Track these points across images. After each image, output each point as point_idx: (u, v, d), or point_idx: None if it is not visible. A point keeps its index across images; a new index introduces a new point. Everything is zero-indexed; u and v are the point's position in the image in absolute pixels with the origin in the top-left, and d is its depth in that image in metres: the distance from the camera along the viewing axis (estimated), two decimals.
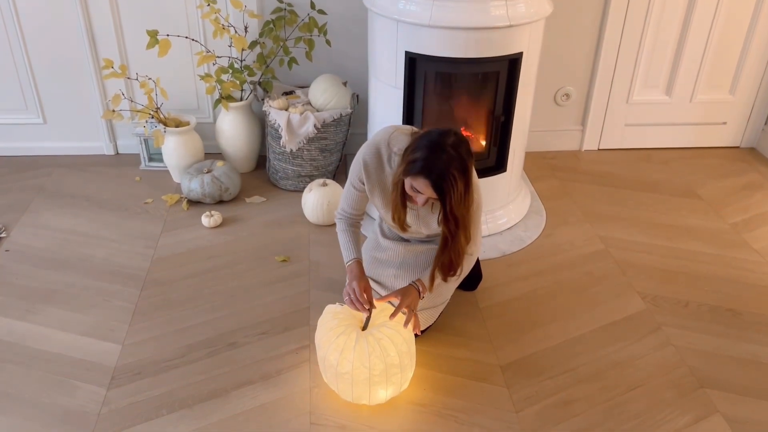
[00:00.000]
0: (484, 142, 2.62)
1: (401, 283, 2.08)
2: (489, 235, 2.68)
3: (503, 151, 2.60)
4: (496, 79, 2.44)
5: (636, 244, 2.69)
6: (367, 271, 2.14)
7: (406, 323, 1.89)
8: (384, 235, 2.22)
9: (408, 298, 1.94)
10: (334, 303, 1.98)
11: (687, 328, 2.24)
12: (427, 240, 2.14)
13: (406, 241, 2.17)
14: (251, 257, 2.56)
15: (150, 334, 2.17)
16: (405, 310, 1.90)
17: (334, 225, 2.75)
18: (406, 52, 2.38)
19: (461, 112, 2.62)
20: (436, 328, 2.19)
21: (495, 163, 2.64)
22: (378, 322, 1.91)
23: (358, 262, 2.04)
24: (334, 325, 1.88)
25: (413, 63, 2.40)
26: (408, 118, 2.50)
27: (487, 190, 2.66)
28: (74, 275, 2.43)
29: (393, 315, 1.88)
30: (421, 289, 1.98)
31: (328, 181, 2.77)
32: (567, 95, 3.27)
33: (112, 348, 2.11)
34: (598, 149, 3.44)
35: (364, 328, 1.91)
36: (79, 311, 2.26)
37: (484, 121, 2.58)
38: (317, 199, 2.68)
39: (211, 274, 2.45)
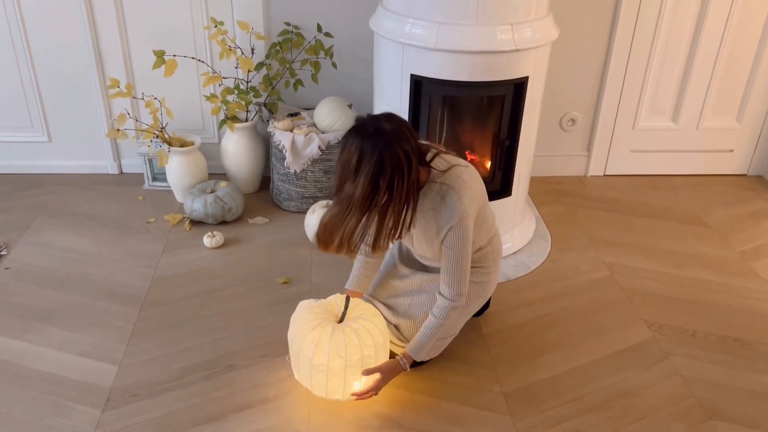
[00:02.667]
0: (489, 166, 2.60)
1: (415, 312, 2.04)
2: None
3: (508, 175, 2.59)
4: (501, 103, 2.43)
5: (642, 271, 2.65)
6: (380, 295, 2.14)
7: (358, 396, 1.87)
8: (402, 260, 2.18)
9: (387, 374, 1.90)
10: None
11: (695, 357, 2.20)
12: None
13: (425, 268, 2.13)
14: (252, 278, 2.53)
15: (148, 355, 2.13)
16: (369, 388, 1.87)
17: None
18: (412, 75, 2.38)
19: (466, 136, 2.61)
20: (439, 355, 2.15)
21: (500, 186, 2.61)
22: (354, 314, 1.92)
23: (353, 292, 2.09)
24: (310, 318, 1.87)
25: (418, 86, 2.39)
26: None
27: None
28: (73, 294, 2.41)
29: (358, 395, 1.87)
30: (405, 363, 1.93)
31: (331, 203, 2.74)
32: (573, 120, 3.26)
33: (109, 369, 2.07)
34: (604, 175, 3.42)
35: (341, 320, 1.91)
36: (76, 331, 2.23)
37: (488, 145, 2.57)
38: (318, 221, 2.65)
39: (211, 295, 2.43)
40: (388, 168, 1.62)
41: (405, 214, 1.71)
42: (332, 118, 2.86)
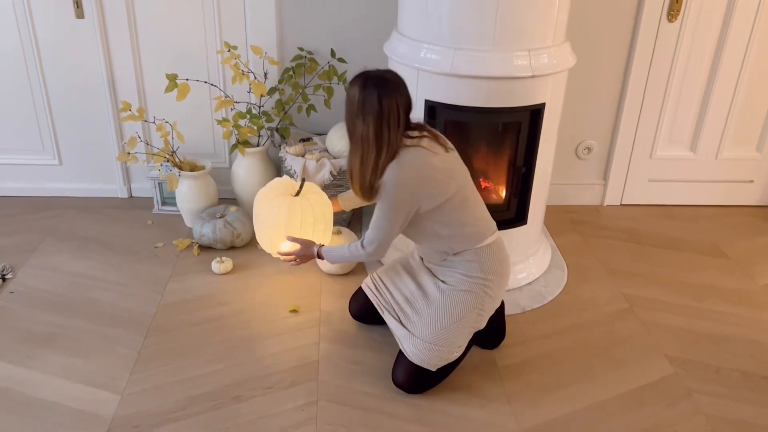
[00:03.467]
0: (504, 193, 2.55)
1: (411, 311, 2.10)
2: (508, 290, 2.58)
3: (524, 203, 2.53)
4: (517, 130, 2.38)
5: (661, 303, 2.57)
6: (388, 273, 2.25)
7: (285, 257, 2.33)
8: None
9: (303, 249, 2.27)
10: (346, 359, 1.88)
11: (719, 395, 2.10)
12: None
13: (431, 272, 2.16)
14: (260, 306, 2.47)
15: (151, 383, 2.07)
16: (293, 256, 2.29)
17: (346, 275, 2.67)
18: (426, 101, 2.34)
19: (481, 162, 2.56)
20: (451, 387, 2.07)
21: (515, 214, 2.56)
22: (309, 195, 2.43)
23: (335, 201, 2.50)
24: (272, 189, 2.45)
25: (433, 111, 2.36)
26: None
27: (507, 242, 2.57)
28: (78, 319, 2.36)
29: (282, 253, 2.37)
30: (317, 250, 2.24)
31: (343, 229, 2.70)
32: (588, 149, 3.21)
33: (111, 398, 2.01)
34: (621, 204, 3.36)
35: (296, 194, 2.43)
36: (80, 357, 2.18)
37: (503, 172, 2.52)
38: None
39: (218, 323, 2.37)
40: (384, 112, 1.84)
41: (380, 161, 1.89)
42: (344, 144, 2.82)
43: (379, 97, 1.83)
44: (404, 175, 1.88)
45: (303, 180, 2.50)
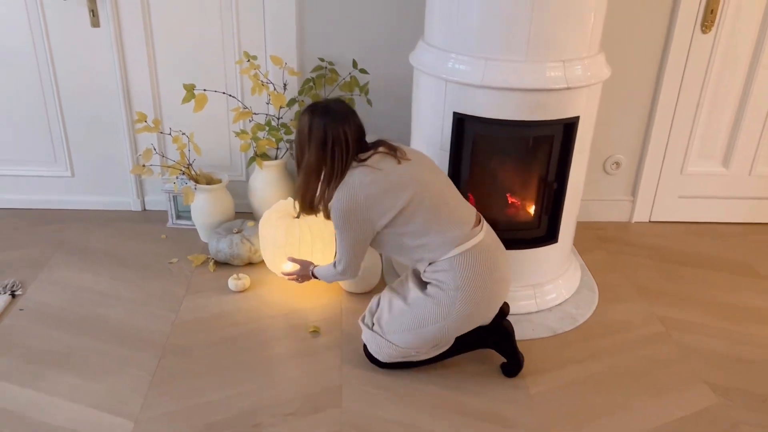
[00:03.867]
0: (532, 210, 2.44)
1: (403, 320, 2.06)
2: (538, 312, 2.47)
3: (555, 220, 2.42)
4: (549, 144, 2.28)
5: (698, 326, 2.45)
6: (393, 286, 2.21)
7: (288, 275, 2.39)
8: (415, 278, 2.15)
9: (302, 269, 2.32)
10: (370, 384, 1.78)
11: (767, 428, 1.98)
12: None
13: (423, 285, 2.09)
14: (279, 326, 2.37)
15: (166, 408, 1.97)
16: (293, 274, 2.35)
17: (368, 293, 2.57)
18: (454, 113, 2.24)
19: (510, 177, 2.46)
20: (481, 415, 1.96)
21: (546, 232, 2.45)
22: (310, 217, 2.38)
23: None
24: (276, 213, 2.53)
25: (461, 124, 2.26)
26: (453, 181, 2.34)
27: (536, 262, 2.47)
28: (89, 338, 2.26)
29: (286, 274, 2.40)
30: (312, 269, 2.28)
31: None
32: (617, 164, 3.10)
33: (124, 424, 1.90)
34: (649, 221, 3.24)
35: (297, 216, 2.50)
36: (91, 379, 2.08)
37: (533, 188, 2.41)
38: None
39: (235, 343, 2.26)
40: (329, 141, 1.91)
41: (327, 188, 1.98)
42: None
43: (324, 127, 1.91)
44: (343, 198, 1.92)
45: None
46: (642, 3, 2.77)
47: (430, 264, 1.98)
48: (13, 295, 2.48)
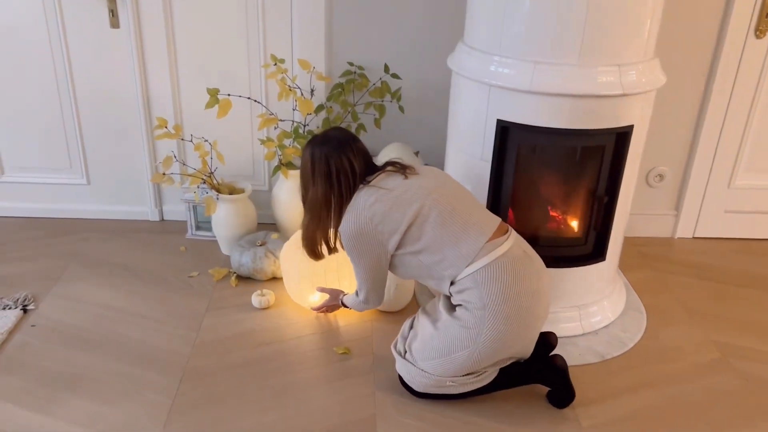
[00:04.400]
0: (576, 225, 2.28)
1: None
2: (583, 335, 2.30)
3: (604, 236, 2.25)
4: (600, 155, 2.12)
5: (758, 353, 2.26)
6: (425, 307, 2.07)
7: (318, 309, 2.31)
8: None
9: (330, 299, 2.25)
10: (407, 414, 1.61)
11: None
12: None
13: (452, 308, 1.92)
14: (306, 347, 2.21)
15: None
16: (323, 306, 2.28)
17: (399, 311, 2.41)
18: (498, 121, 2.09)
19: (554, 190, 2.29)
20: None
21: (592, 250, 2.28)
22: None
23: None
24: (295, 241, 2.25)
25: (505, 133, 2.10)
26: (495, 194, 2.19)
27: (582, 281, 2.30)
28: (105, 359, 2.11)
29: (316, 308, 2.32)
30: (341, 299, 2.19)
31: None
32: (660, 176, 2.93)
33: None
34: (693, 237, 3.06)
35: None
36: (106, 403, 1.93)
37: (580, 202, 2.25)
38: None
39: (260, 366, 2.11)
40: (333, 170, 1.84)
41: (336, 219, 1.90)
42: None
43: (326, 157, 1.85)
44: (350, 220, 1.84)
45: None
46: (692, 7, 2.60)
47: (452, 284, 1.83)
48: (24, 310, 2.34)
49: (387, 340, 2.24)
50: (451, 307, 1.90)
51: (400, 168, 1.90)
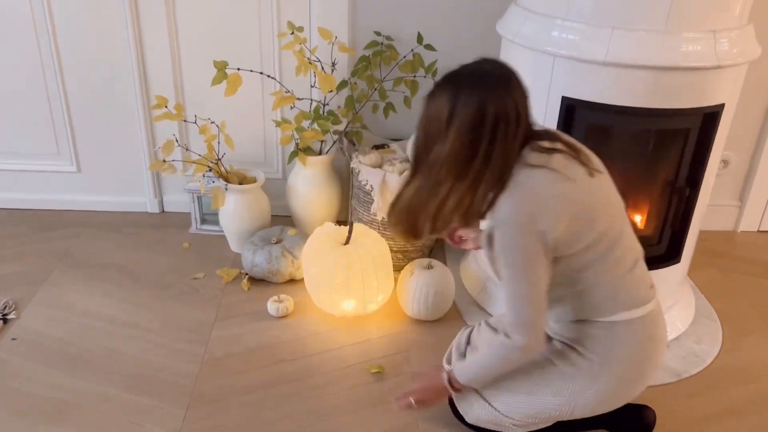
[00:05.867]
0: (643, 220, 1.95)
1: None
2: None
3: (680, 234, 1.93)
4: (683, 139, 1.78)
5: None
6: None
7: (404, 403, 1.54)
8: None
9: (433, 389, 1.54)
10: None
11: None
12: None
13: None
14: (332, 364, 1.89)
15: None
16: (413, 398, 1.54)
17: (437, 321, 2.08)
18: (563, 98, 1.75)
19: (627, 180, 1.95)
20: None
21: (666, 250, 1.95)
22: (360, 240, 2.02)
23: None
24: (320, 239, 2.03)
25: (571, 112, 1.76)
26: None
27: None
28: (96, 381, 1.79)
29: (399, 401, 1.54)
30: (445, 376, 1.50)
31: (434, 262, 2.11)
32: (725, 162, 2.59)
33: None
34: (758, 230, 2.73)
35: (346, 242, 2.01)
36: None
37: (655, 195, 1.91)
38: (421, 287, 2.02)
39: (280, 389, 1.79)
40: (489, 119, 1.24)
41: (475, 197, 1.30)
42: None
43: (479, 103, 1.24)
44: (526, 205, 1.28)
45: (351, 224, 2.05)
46: None
47: (576, 321, 1.44)
48: (4, 320, 2.01)
49: (425, 355, 1.93)
50: (547, 339, 1.49)
51: (573, 151, 1.35)
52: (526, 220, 1.27)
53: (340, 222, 2.31)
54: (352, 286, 1.96)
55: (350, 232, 2.02)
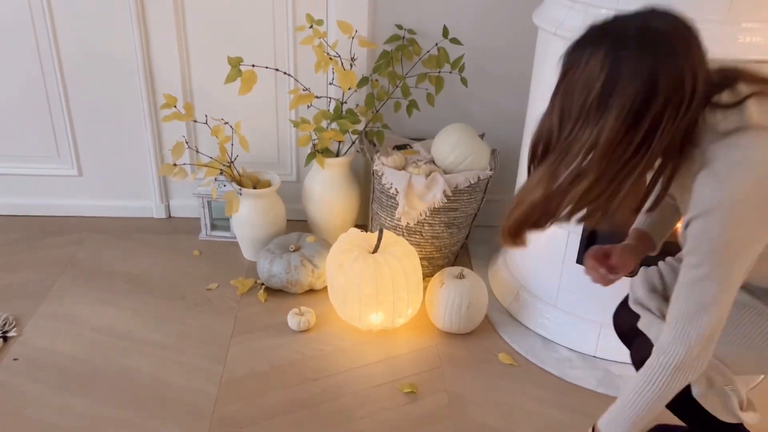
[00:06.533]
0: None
1: None
2: None
3: None
4: None
5: None
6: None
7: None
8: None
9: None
10: None
11: None
12: None
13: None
14: (362, 383, 1.76)
15: None
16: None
17: (469, 334, 1.96)
18: None
19: None
20: None
21: None
22: (389, 248, 1.89)
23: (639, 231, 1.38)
24: (345, 247, 1.90)
25: None
26: None
27: None
28: (105, 403, 1.66)
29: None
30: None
31: (467, 271, 1.98)
32: None
33: None
34: None
35: (374, 250, 1.89)
36: None
37: None
38: (453, 299, 1.89)
39: (306, 412, 1.65)
40: (660, 95, 0.94)
41: (660, 175, 1.04)
42: (459, 153, 2.10)
43: (652, 68, 0.93)
44: (753, 186, 0.97)
45: (381, 230, 1.92)
46: None
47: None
48: (5, 338, 1.87)
49: (460, 371, 1.80)
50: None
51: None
52: (749, 198, 0.97)
53: (358, 227, 2.18)
54: (382, 298, 1.83)
55: (380, 239, 1.89)
